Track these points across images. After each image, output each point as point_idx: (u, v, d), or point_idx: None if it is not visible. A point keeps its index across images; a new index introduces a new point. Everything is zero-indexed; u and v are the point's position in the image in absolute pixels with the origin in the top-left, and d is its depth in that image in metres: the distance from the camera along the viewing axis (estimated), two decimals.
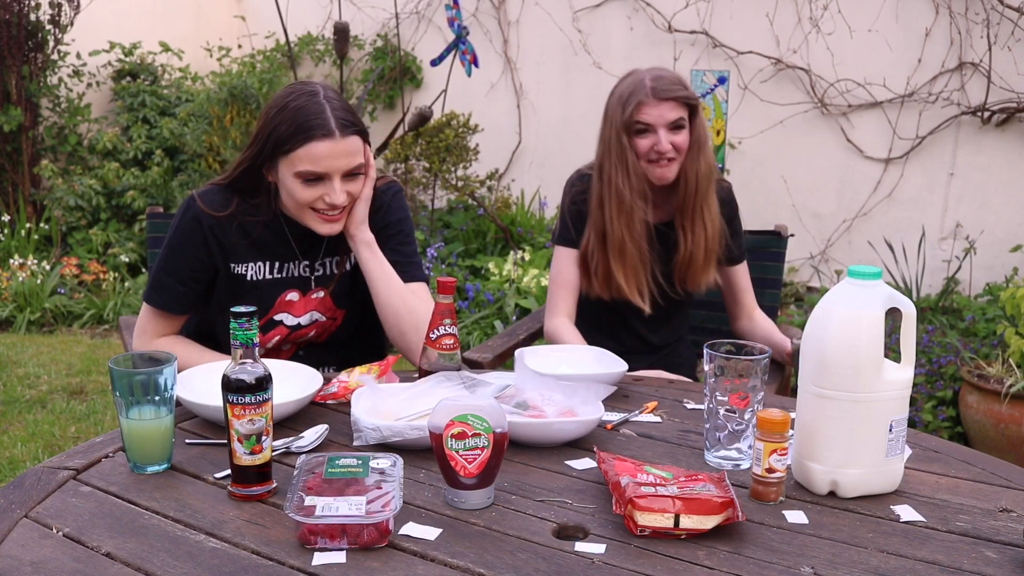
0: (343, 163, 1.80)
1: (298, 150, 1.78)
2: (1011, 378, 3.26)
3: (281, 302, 1.95)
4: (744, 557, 1.18)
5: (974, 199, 4.49)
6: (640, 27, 5.27)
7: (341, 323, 2.03)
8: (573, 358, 1.90)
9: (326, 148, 1.77)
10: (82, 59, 6.15)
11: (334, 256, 1.99)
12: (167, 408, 1.40)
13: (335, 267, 1.99)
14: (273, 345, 1.98)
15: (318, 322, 1.99)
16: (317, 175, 1.79)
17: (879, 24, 4.60)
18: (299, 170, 1.79)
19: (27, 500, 1.30)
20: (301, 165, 1.78)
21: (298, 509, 1.18)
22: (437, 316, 1.71)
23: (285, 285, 1.95)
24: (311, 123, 1.77)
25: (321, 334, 2.02)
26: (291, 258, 1.95)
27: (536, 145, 5.79)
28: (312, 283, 1.98)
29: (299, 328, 1.98)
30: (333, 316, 2.01)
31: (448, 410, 1.29)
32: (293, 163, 1.79)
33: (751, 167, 4.97)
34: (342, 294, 2.01)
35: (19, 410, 3.75)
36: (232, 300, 1.85)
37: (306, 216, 1.85)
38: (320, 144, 1.77)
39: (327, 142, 1.77)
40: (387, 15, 6.00)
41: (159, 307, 1.92)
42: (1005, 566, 1.17)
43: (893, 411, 1.35)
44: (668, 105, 2.11)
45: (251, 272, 1.92)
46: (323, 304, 1.99)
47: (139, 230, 5.63)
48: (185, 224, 1.90)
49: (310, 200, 1.82)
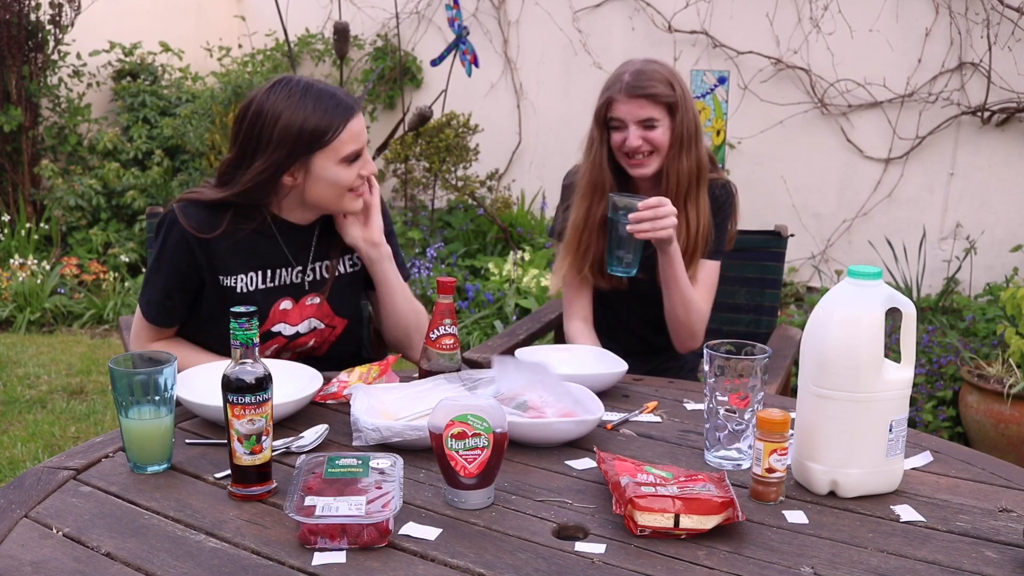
0: (365, 135, 1.88)
1: (341, 134, 1.81)
2: (1011, 378, 3.26)
3: (275, 312, 1.92)
4: (744, 557, 1.18)
5: (974, 199, 4.49)
6: (640, 27, 5.27)
7: (341, 333, 2.02)
8: (573, 358, 1.90)
9: (360, 123, 1.85)
10: (82, 59, 6.15)
11: (324, 260, 1.98)
12: (167, 408, 1.40)
13: (325, 271, 1.98)
14: (271, 354, 1.94)
15: (317, 330, 1.98)
16: (359, 152, 1.85)
17: (879, 24, 4.60)
18: (346, 153, 1.82)
19: (27, 500, 1.30)
20: (346, 148, 1.82)
21: (298, 509, 1.18)
22: (437, 316, 1.71)
23: (278, 294, 1.93)
24: (339, 108, 1.81)
25: (321, 344, 2.00)
26: (282, 264, 1.93)
27: (536, 145, 5.79)
28: (305, 288, 1.96)
29: (297, 337, 1.96)
30: (332, 324, 2.00)
31: (448, 410, 1.29)
32: (337, 150, 1.81)
33: (751, 167, 4.97)
34: (341, 301, 2.00)
35: (19, 410, 3.75)
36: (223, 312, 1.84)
37: (344, 200, 1.88)
38: (355, 121, 1.83)
39: (358, 117, 1.85)
40: (387, 15, 6.00)
41: (152, 322, 1.93)
42: (1005, 566, 1.17)
43: (893, 411, 1.35)
44: (639, 103, 2.07)
45: (241, 284, 1.90)
46: (320, 311, 1.97)
47: (139, 230, 5.63)
48: (171, 245, 1.86)
49: (353, 179, 1.86)
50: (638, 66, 2.12)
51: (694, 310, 2.15)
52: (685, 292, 2.12)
